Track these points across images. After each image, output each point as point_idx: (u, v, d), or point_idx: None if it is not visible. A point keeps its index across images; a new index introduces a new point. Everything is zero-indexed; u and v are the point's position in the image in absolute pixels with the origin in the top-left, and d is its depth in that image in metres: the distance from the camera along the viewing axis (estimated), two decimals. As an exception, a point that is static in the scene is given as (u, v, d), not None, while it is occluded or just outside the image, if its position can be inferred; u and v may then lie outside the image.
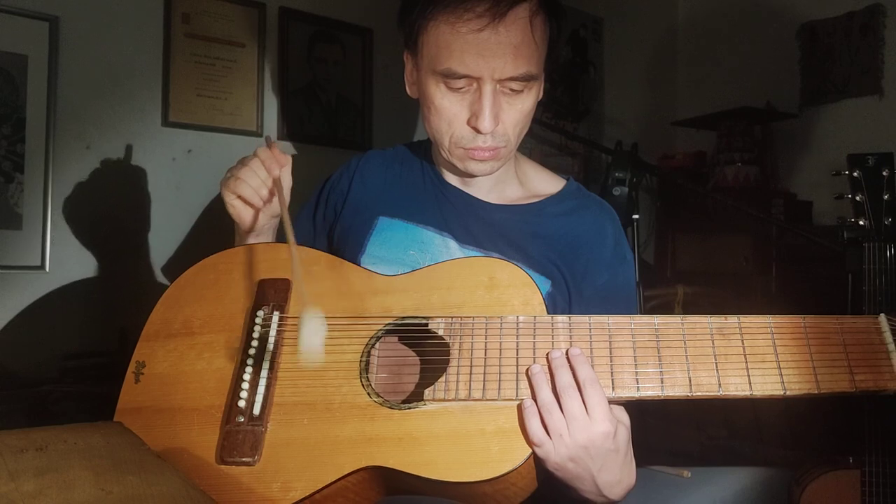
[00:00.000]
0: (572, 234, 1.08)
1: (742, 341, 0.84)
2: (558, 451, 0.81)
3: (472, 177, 1.08)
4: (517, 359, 0.86)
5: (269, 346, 0.92)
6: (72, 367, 1.79)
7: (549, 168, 1.19)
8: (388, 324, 0.92)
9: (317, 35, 2.38)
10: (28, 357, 1.77)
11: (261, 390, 0.89)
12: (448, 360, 0.88)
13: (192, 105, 2.11)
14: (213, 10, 2.15)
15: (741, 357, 0.84)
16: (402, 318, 0.93)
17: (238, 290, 0.99)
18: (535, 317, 0.89)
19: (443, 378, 0.86)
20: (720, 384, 0.82)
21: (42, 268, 1.85)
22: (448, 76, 0.96)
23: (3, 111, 1.81)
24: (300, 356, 0.84)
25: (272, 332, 0.94)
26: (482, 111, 0.96)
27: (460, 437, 0.82)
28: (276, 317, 0.95)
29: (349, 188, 1.19)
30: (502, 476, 0.80)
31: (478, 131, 0.98)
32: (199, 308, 0.98)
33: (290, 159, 1.06)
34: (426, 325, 0.91)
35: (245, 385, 0.89)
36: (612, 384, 0.84)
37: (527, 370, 0.85)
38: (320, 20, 2.38)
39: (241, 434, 0.86)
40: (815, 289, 2.17)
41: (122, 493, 0.72)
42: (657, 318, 0.87)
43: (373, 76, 2.50)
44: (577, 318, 0.88)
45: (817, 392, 0.81)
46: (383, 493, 0.87)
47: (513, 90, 0.97)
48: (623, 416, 0.86)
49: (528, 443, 0.81)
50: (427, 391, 0.86)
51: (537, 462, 0.83)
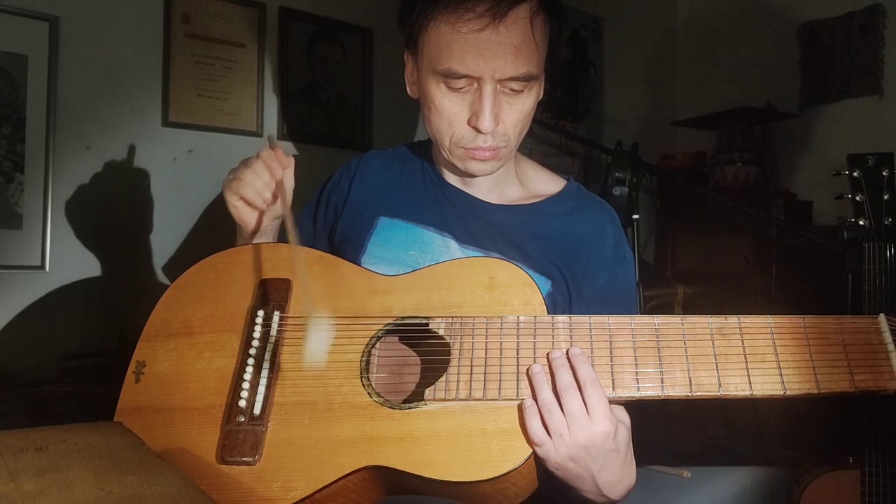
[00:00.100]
0: (572, 234, 1.08)
1: (742, 341, 0.85)
2: (559, 451, 0.81)
3: (472, 177, 1.08)
4: (517, 359, 0.86)
5: (270, 346, 0.92)
6: (72, 367, 1.79)
7: (549, 168, 1.19)
8: (388, 324, 0.92)
9: (317, 35, 2.38)
10: (28, 357, 1.77)
11: (261, 390, 0.89)
12: (448, 359, 0.88)
13: (192, 105, 2.11)
14: (213, 10, 2.15)
15: (741, 357, 0.84)
16: (402, 317, 0.93)
17: (238, 289, 0.99)
18: (535, 317, 0.89)
19: (443, 378, 0.86)
20: (720, 384, 0.83)
21: (42, 268, 1.85)
22: (448, 76, 0.96)
23: (3, 111, 1.81)
24: (305, 359, 0.84)
25: (273, 331, 0.94)
26: (482, 111, 0.96)
27: (461, 436, 0.82)
28: (276, 317, 0.95)
29: (350, 188, 1.19)
30: (503, 476, 0.80)
31: (478, 131, 0.98)
32: (199, 308, 0.98)
33: (292, 160, 1.06)
34: (427, 324, 0.91)
35: (246, 385, 0.89)
36: (613, 384, 0.84)
37: (527, 370, 0.85)
38: (320, 20, 2.38)
39: (241, 434, 0.86)
40: (815, 289, 2.17)
41: (122, 493, 0.72)
42: (657, 318, 0.87)
43: (373, 76, 2.50)
44: (577, 318, 0.88)
45: (817, 392, 0.81)
46: (384, 493, 0.87)
47: (513, 90, 0.97)
48: (623, 415, 0.86)
49: (529, 442, 0.81)
50: (427, 391, 0.86)
51: (538, 462, 0.83)
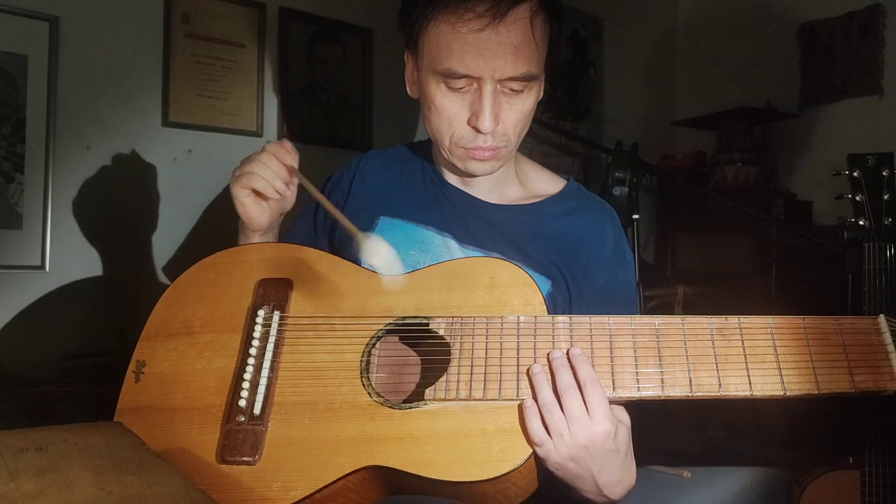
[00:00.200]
0: (572, 234, 1.08)
1: (742, 342, 0.85)
2: (559, 451, 0.81)
3: (472, 177, 1.08)
4: (518, 359, 0.86)
5: (270, 346, 0.92)
6: (72, 367, 1.79)
7: (549, 168, 1.19)
8: (388, 324, 0.92)
9: (317, 35, 2.38)
10: (28, 357, 1.77)
11: (261, 390, 0.89)
12: (449, 359, 0.88)
13: (192, 105, 2.11)
14: (213, 10, 2.15)
15: (741, 357, 0.84)
16: (402, 317, 0.93)
17: (239, 289, 0.99)
18: (535, 317, 0.89)
19: (443, 378, 0.86)
20: (720, 384, 0.83)
21: (42, 268, 1.85)
22: (448, 76, 0.96)
23: (3, 111, 1.81)
24: (385, 281, 0.89)
25: (273, 331, 0.94)
26: (482, 111, 0.96)
27: (461, 436, 0.82)
28: (276, 316, 0.95)
29: (350, 188, 1.19)
30: (503, 476, 0.80)
31: (478, 131, 0.98)
32: (199, 307, 0.98)
33: (297, 155, 1.06)
34: (427, 324, 0.91)
35: (246, 384, 0.89)
36: (613, 384, 0.84)
37: (527, 370, 0.85)
38: (320, 20, 2.38)
39: (241, 433, 0.86)
40: (815, 289, 2.17)
41: (122, 493, 0.72)
42: (657, 319, 0.87)
43: (373, 76, 2.50)
44: (577, 318, 0.88)
45: (817, 393, 0.81)
46: (384, 493, 0.87)
47: (513, 90, 0.97)
48: (623, 416, 0.86)
49: (529, 442, 0.82)
50: (428, 391, 0.86)
51: (538, 462, 0.83)
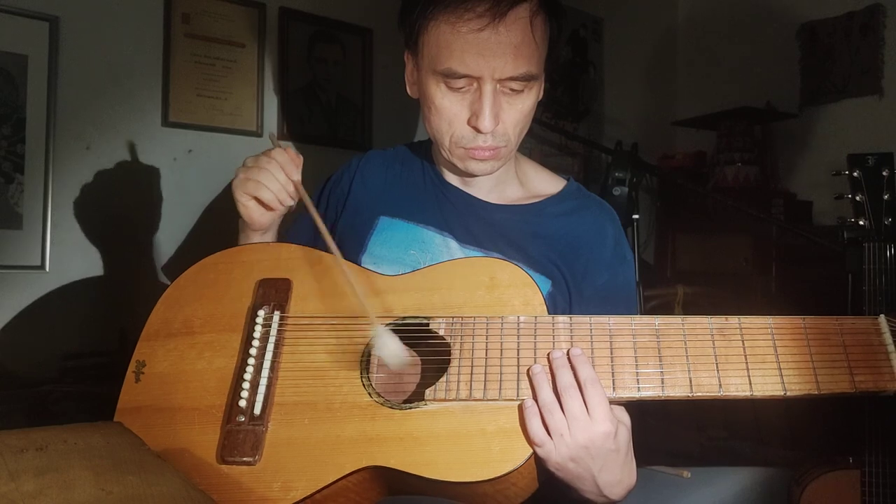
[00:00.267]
0: (572, 234, 1.08)
1: (742, 342, 0.84)
2: (559, 451, 0.81)
3: (472, 177, 1.08)
4: (518, 359, 0.86)
5: (270, 346, 0.92)
6: (72, 367, 1.79)
7: (549, 168, 1.19)
8: (388, 324, 0.92)
9: (317, 35, 2.38)
10: (28, 357, 1.77)
11: (261, 390, 0.89)
12: (449, 360, 0.88)
13: (192, 105, 2.11)
14: (213, 10, 2.15)
15: (741, 358, 0.84)
16: (402, 317, 0.93)
17: (239, 289, 0.99)
18: (535, 317, 0.89)
19: (444, 378, 0.86)
20: (721, 385, 0.82)
21: (42, 268, 1.85)
22: (448, 76, 0.96)
23: (3, 111, 1.81)
24: (391, 364, 0.86)
25: (273, 331, 0.94)
26: (482, 111, 0.96)
27: (461, 436, 0.82)
28: (276, 316, 0.95)
29: (350, 188, 1.19)
30: (503, 476, 0.80)
31: (478, 131, 0.98)
32: (199, 307, 0.98)
33: (301, 161, 1.06)
34: (427, 324, 0.91)
35: (246, 385, 0.89)
36: (613, 384, 0.84)
37: (528, 370, 0.85)
38: (320, 20, 2.38)
39: (241, 434, 0.86)
40: (815, 289, 2.17)
41: (122, 493, 0.72)
42: (658, 319, 0.87)
43: (373, 76, 2.49)
44: (577, 318, 0.88)
45: (817, 393, 0.81)
46: (384, 493, 0.87)
47: (513, 90, 0.97)
48: (624, 416, 0.86)
49: (529, 443, 0.81)
50: (428, 391, 0.86)
51: (538, 462, 0.83)
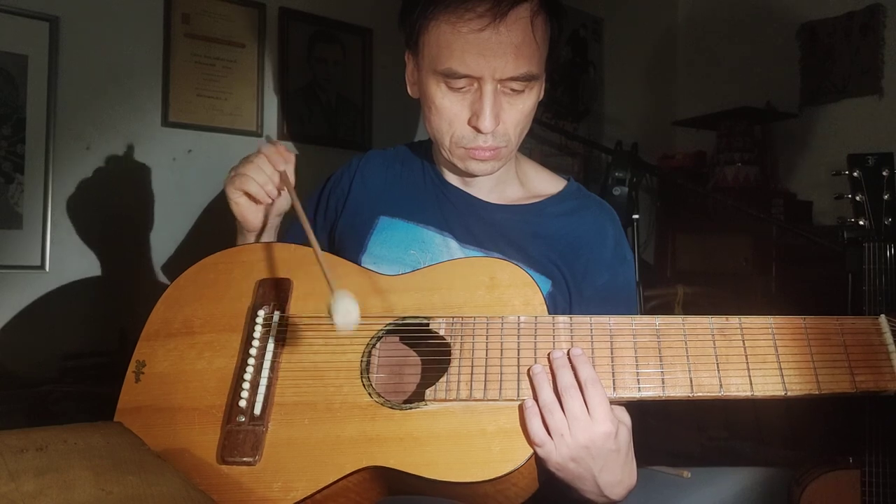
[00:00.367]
0: (573, 234, 1.08)
1: (743, 342, 0.84)
2: (559, 452, 0.80)
3: (472, 177, 1.07)
4: (518, 359, 0.86)
5: (270, 346, 0.92)
6: (72, 367, 1.79)
7: (550, 168, 1.19)
8: (388, 324, 0.92)
9: (317, 35, 2.38)
10: (28, 357, 1.77)
11: (262, 390, 0.89)
12: (449, 360, 0.87)
13: (192, 105, 2.11)
14: (213, 10, 2.15)
15: (742, 358, 0.84)
16: (402, 317, 0.92)
17: (239, 289, 0.99)
18: (536, 317, 0.89)
19: (444, 378, 0.86)
20: (721, 385, 0.82)
21: (42, 268, 1.85)
22: (449, 76, 0.96)
23: (3, 111, 1.80)
24: (338, 324, 0.81)
25: (273, 331, 0.94)
26: (483, 111, 0.96)
27: (461, 437, 0.82)
28: (276, 316, 0.95)
29: (350, 188, 1.18)
30: (503, 476, 0.80)
31: (478, 131, 0.98)
32: (199, 307, 0.98)
33: (293, 156, 1.06)
34: (427, 324, 0.91)
35: (246, 385, 0.89)
36: (614, 384, 0.84)
37: (528, 370, 0.85)
38: (320, 20, 2.38)
39: (241, 434, 0.86)
40: (815, 289, 2.17)
41: (122, 493, 0.72)
42: (658, 319, 0.87)
43: (373, 76, 2.49)
44: (578, 318, 0.88)
45: (818, 393, 0.81)
46: (384, 494, 0.87)
47: (514, 90, 0.97)
48: (624, 416, 0.86)
49: (530, 443, 0.81)
50: (428, 391, 0.86)
51: (538, 462, 0.83)
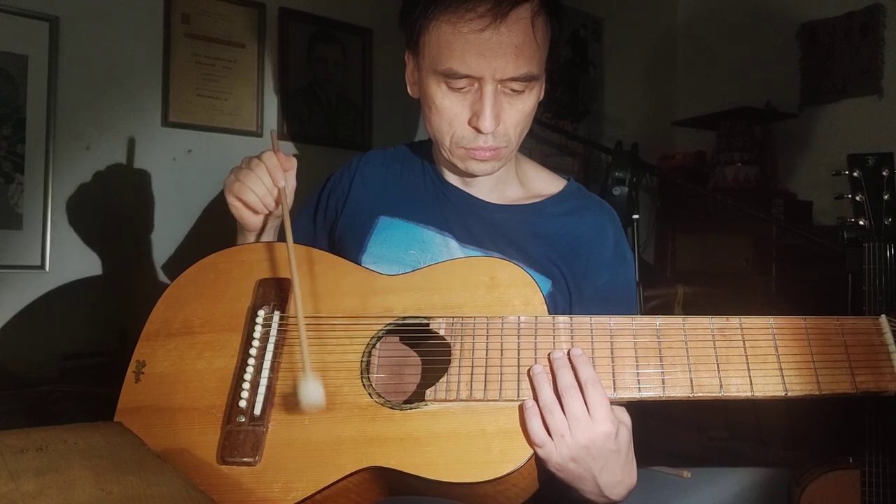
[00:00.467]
0: (573, 234, 1.08)
1: (743, 342, 0.84)
2: (560, 452, 0.80)
3: (472, 177, 1.07)
4: (518, 359, 0.86)
5: (270, 346, 0.92)
6: (72, 367, 1.79)
7: (550, 168, 1.19)
8: (388, 324, 0.92)
9: (317, 35, 2.38)
10: (28, 357, 1.77)
11: (262, 390, 0.89)
12: (449, 360, 0.87)
13: (192, 105, 2.10)
14: (213, 10, 2.15)
15: (742, 358, 0.83)
16: (402, 317, 0.92)
17: (238, 289, 0.99)
18: (536, 317, 0.89)
19: (444, 378, 0.86)
20: (721, 385, 0.82)
21: (42, 268, 1.85)
22: (449, 76, 0.96)
23: (3, 111, 1.80)
24: (303, 402, 0.83)
25: (273, 331, 0.93)
26: (483, 111, 0.96)
27: (461, 437, 0.82)
28: (276, 316, 0.95)
29: (350, 188, 1.18)
30: (504, 477, 0.80)
31: (479, 131, 0.97)
32: (199, 307, 0.98)
33: (295, 162, 1.06)
34: (427, 325, 0.91)
35: (246, 385, 0.89)
36: (614, 385, 0.84)
37: (528, 370, 0.85)
38: (320, 20, 2.38)
39: (242, 434, 0.86)
40: (815, 289, 2.17)
41: (122, 493, 0.72)
42: (658, 319, 0.87)
43: (373, 76, 2.49)
44: (578, 318, 0.88)
45: (818, 393, 0.81)
46: (385, 494, 0.87)
47: (514, 90, 0.97)
48: (624, 416, 0.86)
49: (530, 443, 0.81)
50: (428, 391, 0.85)
51: (539, 462, 0.83)
